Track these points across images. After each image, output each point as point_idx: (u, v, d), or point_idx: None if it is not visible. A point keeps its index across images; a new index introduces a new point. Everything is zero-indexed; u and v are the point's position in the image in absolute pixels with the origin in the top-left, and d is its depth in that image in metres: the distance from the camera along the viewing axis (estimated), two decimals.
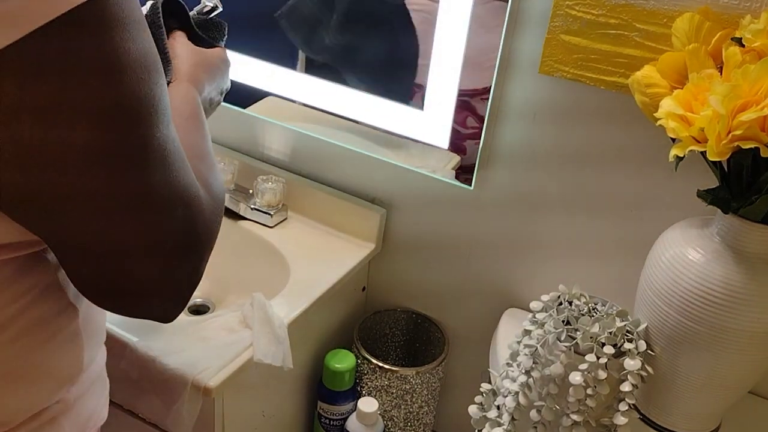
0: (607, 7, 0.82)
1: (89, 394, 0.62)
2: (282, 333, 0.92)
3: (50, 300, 0.54)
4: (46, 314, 0.54)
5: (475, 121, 0.98)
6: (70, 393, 0.59)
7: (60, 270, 0.54)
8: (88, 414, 0.63)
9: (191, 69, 0.68)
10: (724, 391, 0.78)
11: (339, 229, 1.16)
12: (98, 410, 0.65)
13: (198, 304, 1.14)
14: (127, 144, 0.44)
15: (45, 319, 0.54)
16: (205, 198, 0.51)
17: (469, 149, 1.00)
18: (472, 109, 0.98)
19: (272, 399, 1.05)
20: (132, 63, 0.43)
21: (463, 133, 0.99)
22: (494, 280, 1.08)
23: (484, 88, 0.95)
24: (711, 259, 0.72)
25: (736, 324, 0.71)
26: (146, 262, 0.47)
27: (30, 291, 0.52)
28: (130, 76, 0.43)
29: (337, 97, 1.07)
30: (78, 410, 0.61)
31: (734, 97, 0.63)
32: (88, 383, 0.62)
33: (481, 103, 0.97)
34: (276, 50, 1.10)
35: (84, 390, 0.61)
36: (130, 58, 0.43)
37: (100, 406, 0.65)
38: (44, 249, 0.52)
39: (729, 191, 0.71)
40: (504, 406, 0.82)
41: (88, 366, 0.61)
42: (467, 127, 0.99)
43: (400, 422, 1.13)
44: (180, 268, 0.49)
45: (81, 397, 0.61)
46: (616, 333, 0.77)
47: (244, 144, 1.23)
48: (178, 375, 0.85)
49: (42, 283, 0.53)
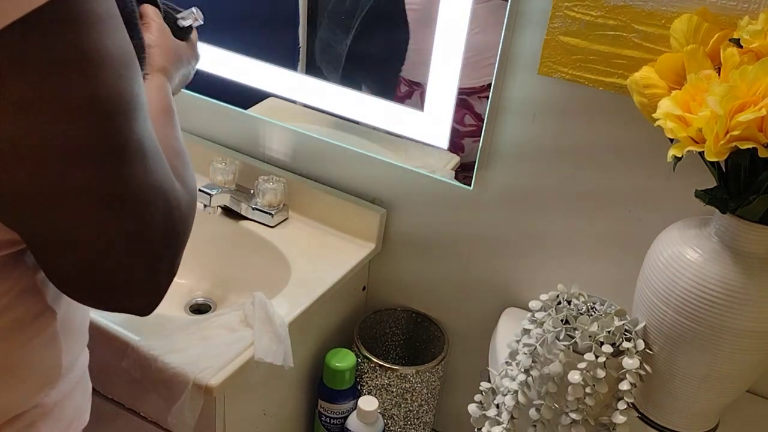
0: (605, 9, 0.82)
1: (70, 398, 0.61)
2: (283, 332, 0.92)
3: (28, 303, 0.53)
4: (23, 317, 0.53)
5: (472, 119, 0.99)
6: (49, 397, 0.58)
7: (38, 273, 0.53)
8: (69, 419, 0.62)
9: (164, 59, 0.68)
10: (722, 390, 0.78)
11: (339, 228, 1.16)
12: (80, 414, 0.64)
13: (199, 303, 1.14)
14: (106, 140, 0.44)
15: (22, 322, 0.53)
16: (181, 192, 0.52)
17: (467, 147, 1.01)
18: (470, 107, 0.98)
19: (273, 398, 1.05)
20: (110, 59, 0.43)
21: (461, 131, 1.00)
22: (494, 280, 1.09)
23: (482, 86, 0.96)
24: (709, 259, 0.72)
25: (734, 323, 0.71)
26: (127, 257, 0.47)
27: (7, 294, 0.51)
28: (108, 72, 0.43)
29: (338, 98, 1.08)
30: (57, 415, 0.60)
31: (732, 98, 0.63)
32: (68, 387, 0.61)
33: (478, 101, 0.97)
34: (277, 51, 1.11)
35: (64, 394, 0.60)
36: (107, 54, 0.43)
37: (81, 410, 0.65)
38: (21, 251, 0.51)
39: (727, 191, 0.72)
40: (503, 404, 0.82)
41: (69, 370, 0.60)
42: (465, 125, 0.99)
43: (400, 421, 1.13)
44: (160, 262, 0.49)
45: (61, 401, 0.60)
46: (615, 332, 0.78)
47: (246, 144, 1.23)
48: (180, 374, 0.85)
49: (19, 285, 0.52)
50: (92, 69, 0.42)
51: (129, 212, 0.46)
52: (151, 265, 0.49)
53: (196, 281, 1.17)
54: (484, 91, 0.96)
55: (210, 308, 1.14)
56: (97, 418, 1.01)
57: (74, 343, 0.61)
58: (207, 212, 1.13)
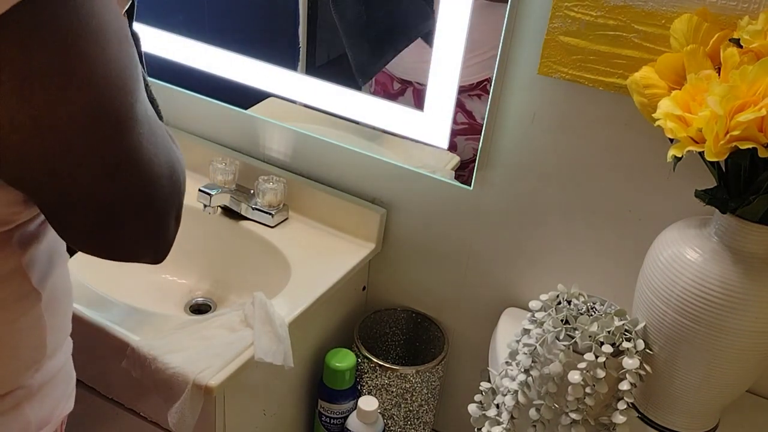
0: (605, 9, 0.82)
1: (53, 384, 0.64)
2: (283, 332, 0.92)
3: (14, 284, 0.55)
4: (8, 297, 0.55)
5: (464, 117, 0.99)
6: (34, 379, 0.60)
7: (24, 255, 0.56)
8: (53, 404, 0.64)
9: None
10: (722, 390, 0.78)
11: (339, 229, 1.16)
12: (63, 401, 0.66)
13: (199, 303, 1.14)
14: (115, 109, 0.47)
15: (7, 303, 0.55)
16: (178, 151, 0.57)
17: (459, 145, 1.01)
18: (461, 104, 0.98)
19: (273, 398, 1.05)
20: (113, 33, 0.46)
21: (454, 129, 1.00)
22: (494, 280, 1.09)
23: (471, 84, 0.96)
24: (709, 259, 0.72)
25: (734, 323, 0.71)
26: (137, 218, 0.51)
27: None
28: (113, 45, 0.46)
29: (338, 98, 1.08)
30: (41, 399, 0.62)
31: (732, 98, 0.63)
32: (52, 372, 0.63)
33: (470, 99, 0.97)
34: (277, 51, 1.11)
35: (48, 378, 0.62)
36: (111, 29, 0.46)
37: (65, 398, 0.67)
38: (8, 232, 0.53)
39: (727, 191, 0.72)
40: (503, 404, 0.82)
41: (53, 353, 0.62)
42: (457, 123, 1.00)
43: (400, 421, 1.13)
44: (168, 215, 0.54)
45: (45, 386, 0.62)
46: (615, 332, 0.78)
47: (246, 144, 1.23)
48: (180, 374, 0.85)
49: (5, 267, 0.54)
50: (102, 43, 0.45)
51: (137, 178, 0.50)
52: (162, 219, 0.53)
53: (196, 281, 1.17)
54: (475, 88, 0.96)
55: (210, 308, 1.14)
56: (97, 418, 1.01)
57: (58, 327, 0.63)
58: (207, 212, 1.13)
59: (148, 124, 0.50)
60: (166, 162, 0.52)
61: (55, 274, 0.61)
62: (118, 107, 0.47)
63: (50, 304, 0.60)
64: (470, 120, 0.98)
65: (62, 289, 0.63)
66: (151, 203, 0.51)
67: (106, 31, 0.45)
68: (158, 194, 0.52)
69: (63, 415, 0.67)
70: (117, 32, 0.47)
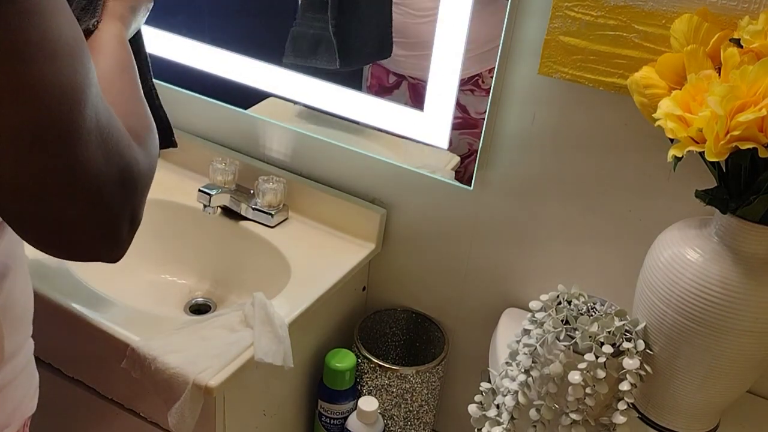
0: (606, 9, 0.82)
1: (14, 385, 0.63)
2: (283, 332, 0.92)
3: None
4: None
5: (458, 111, 0.99)
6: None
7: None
8: (13, 405, 0.64)
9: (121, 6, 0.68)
10: (722, 390, 0.78)
11: (339, 229, 1.16)
12: (25, 402, 0.66)
13: (199, 303, 1.14)
14: (59, 122, 0.45)
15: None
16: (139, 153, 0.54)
17: (454, 140, 1.01)
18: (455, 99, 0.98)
19: (273, 398, 1.05)
20: (63, 44, 0.45)
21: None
22: (494, 280, 1.09)
23: (464, 79, 0.96)
24: (709, 259, 0.72)
25: (734, 323, 0.71)
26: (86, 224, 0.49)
27: None
28: (61, 57, 0.44)
29: (338, 98, 1.08)
30: (2, 401, 0.62)
31: (732, 98, 0.63)
32: (12, 374, 0.63)
33: (463, 94, 0.97)
34: (277, 52, 1.11)
35: (8, 380, 0.62)
36: (62, 39, 0.44)
37: (27, 399, 0.67)
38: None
39: (727, 191, 0.72)
40: (503, 405, 0.82)
41: (12, 356, 0.62)
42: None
43: (400, 421, 1.13)
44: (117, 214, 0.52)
45: (5, 388, 0.62)
46: (615, 332, 0.78)
47: (245, 145, 1.23)
48: (180, 374, 0.85)
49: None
50: (49, 56, 0.44)
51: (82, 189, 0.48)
52: (112, 224, 0.51)
53: (196, 281, 1.17)
54: (467, 83, 0.96)
55: (210, 308, 1.14)
56: (97, 418, 1.01)
57: (16, 331, 0.63)
58: (207, 212, 1.13)
59: (98, 133, 0.48)
60: (118, 169, 0.51)
61: (11, 278, 0.61)
62: (63, 120, 0.45)
63: (6, 309, 0.59)
64: (464, 114, 0.99)
65: (20, 292, 0.62)
66: (99, 211, 0.50)
67: (55, 41, 0.44)
68: (106, 202, 0.50)
69: (26, 417, 0.67)
70: (67, 42, 0.45)
